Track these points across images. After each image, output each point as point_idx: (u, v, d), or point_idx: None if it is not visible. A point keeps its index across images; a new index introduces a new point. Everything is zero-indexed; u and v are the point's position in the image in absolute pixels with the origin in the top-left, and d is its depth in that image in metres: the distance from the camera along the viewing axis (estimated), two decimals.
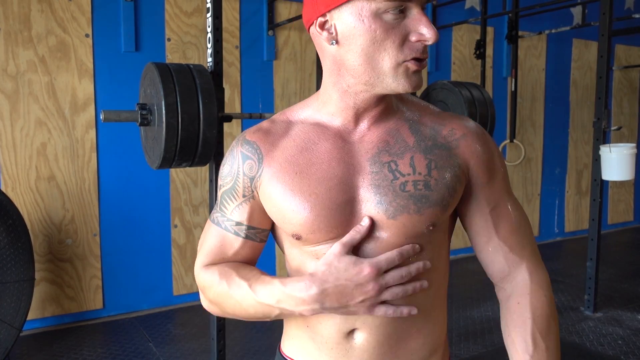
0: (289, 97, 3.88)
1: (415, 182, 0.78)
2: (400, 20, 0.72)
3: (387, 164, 0.79)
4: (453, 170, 0.81)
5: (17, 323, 2.51)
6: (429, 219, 0.79)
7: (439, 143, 0.82)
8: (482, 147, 0.85)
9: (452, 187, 0.81)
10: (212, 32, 2.25)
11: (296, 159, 0.81)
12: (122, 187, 3.34)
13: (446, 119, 0.85)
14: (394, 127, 0.82)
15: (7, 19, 2.96)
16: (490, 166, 0.85)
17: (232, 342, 2.99)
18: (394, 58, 0.73)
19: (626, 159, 3.21)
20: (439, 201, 0.79)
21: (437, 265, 0.84)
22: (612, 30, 3.27)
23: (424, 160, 0.80)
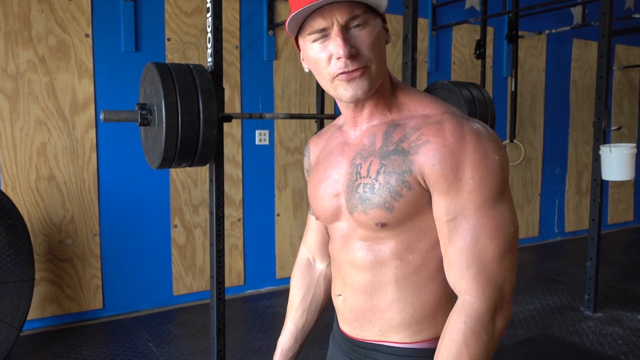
0: (289, 97, 3.88)
1: (364, 185, 0.90)
2: (326, 43, 0.86)
3: (356, 166, 0.92)
4: (401, 176, 0.86)
5: (17, 323, 2.51)
6: (374, 218, 0.89)
7: (399, 148, 0.87)
8: (444, 155, 0.83)
9: (396, 192, 0.86)
10: (212, 32, 2.24)
11: (321, 159, 1.03)
12: (122, 187, 3.34)
13: (426, 125, 0.87)
14: (375, 131, 0.92)
15: (7, 19, 2.96)
16: (451, 176, 0.83)
17: (232, 342, 2.99)
18: (327, 76, 0.87)
19: (626, 159, 3.21)
20: (381, 203, 0.87)
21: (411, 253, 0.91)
22: (612, 30, 3.27)
23: (377, 165, 0.89)
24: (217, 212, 2.31)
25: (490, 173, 0.82)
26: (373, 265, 0.94)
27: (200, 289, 3.65)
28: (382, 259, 0.93)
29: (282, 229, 3.93)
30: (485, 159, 0.83)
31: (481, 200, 0.83)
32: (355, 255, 0.96)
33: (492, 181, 0.83)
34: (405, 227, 0.90)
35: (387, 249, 0.92)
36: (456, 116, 0.88)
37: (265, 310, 3.51)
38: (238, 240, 3.78)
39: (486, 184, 0.82)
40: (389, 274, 0.93)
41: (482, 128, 0.86)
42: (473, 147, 0.83)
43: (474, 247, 0.83)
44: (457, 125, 0.85)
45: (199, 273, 3.64)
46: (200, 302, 3.61)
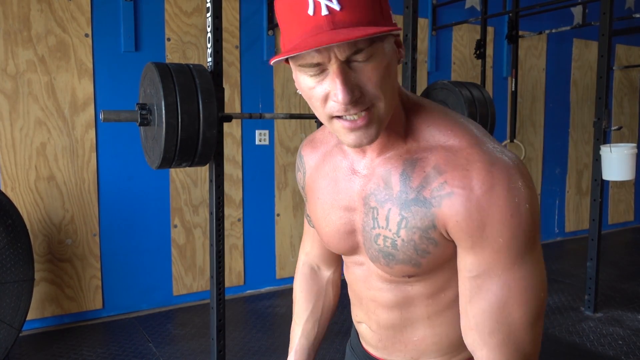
0: (289, 97, 3.88)
1: (385, 238, 0.79)
2: (322, 78, 0.70)
3: (372, 210, 0.81)
4: (425, 232, 0.76)
5: (16, 323, 2.51)
6: (400, 272, 0.81)
7: (421, 198, 0.76)
8: (470, 210, 0.71)
9: (422, 249, 0.78)
10: (212, 32, 2.24)
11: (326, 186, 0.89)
12: (122, 187, 3.34)
13: (450, 168, 0.74)
14: (389, 168, 0.79)
15: (6, 18, 2.96)
16: (477, 233, 0.72)
17: (232, 342, 2.99)
18: (322, 115, 0.73)
19: (626, 159, 3.20)
20: (407, 260, 0.79)
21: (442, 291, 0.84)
22: (612, 30, 3.26)
23: (397, 217, 0.78)
24: (217, 212, 2.31)
25: (522, 229, 0.71)
26: (401, 305, 0.86)
27: (200, 289, 3.64)
28: (411, 298, 0.86)
29: (282, 229, 3.93)
30: (518, 214, 0.71)
31: (510, 260, 0.72)
32: (379, 294, 0.88)
33: (523, 238, 0.71)
34: (439, 270, 0.82)
35: (415, 290, 0.85)
36: (484, 153, 0.73)
37: (265, 310, 3.51)
38: (238, 240, 3.77)
39: (516, 241, 0.71)
40: (419, 311, 0.86)
41: (513, 168, 0.72)
42: (504, 201, 0.70)
43: (500, 312, 0.73)
44: (486, 171, 0.71)
45: (199, 273, 3.64)
46: (200, 302, 3.60)
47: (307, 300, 1.09)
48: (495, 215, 0.71)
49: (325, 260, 1.09)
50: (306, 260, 1.11)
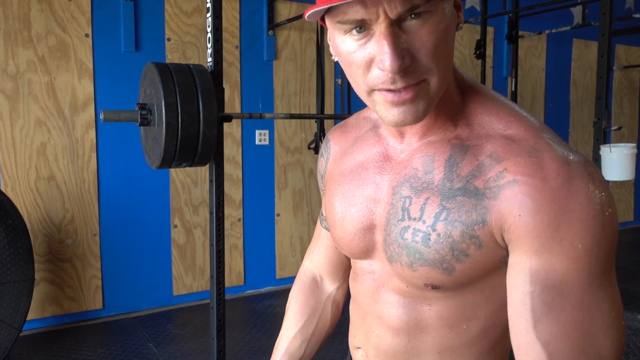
0: (289, 97, 3.88)
1: (416, 232, 0.65)
2: (366, 40, 0.58)
3: (404, 200, 0.67)
4: (469, 228, 0.62)
5: (16, 323, 2.51)
6: (424, 277, 0.66)
7: (470, 187, 0.62)
8: (540, 204, 0.57)
9: (461, 250, 0.63)
10: (212, 32, 2.24)
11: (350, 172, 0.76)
12: (122, 187, 3.34)
13: (513, 155, 0.60)
14: (432, 152, 0.66)
15: (7, 18, 2.96)
16: (547, 233, 0.57)
17: (232, 342, 2.99)
18: (362, 85, 0.61)
19: (626, 159, 3.20)
20: (438, 262, 0.64)
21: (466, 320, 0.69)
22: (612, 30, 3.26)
23: (436, 207, 0.64)
24: (217, 212, 2.31)
25: (605, 236, 0.57)
26: (411, 329, 0.71)
27: (200, 289, 3.64)
28: (425, 323, 0.70)
29: (282, 229, 3.93)
30: (601, 216, 0.56)
31: (590, 274, 0.57)
32: (388, 310, 0.73)
33: (607, 248, 0.57)
34: (464, 289, 0.67)
35: (433, 312, 0.69)
36: (555, 144, 0.61)
37: (265, 310, 3.51)
38: (238, 240, 3.77)
39: (600, 251, 0.57)
40: (430, 342, 0.71)
41: (591, 166, 0.59)
42: (586, 196, 0.56)
43: (583, 338, 0.57)
44: (562, 160, 0.58)
45: (199, 273, 3.64)
46: (200, 302, 3.60)
47: (300, 314, 0.94)
48: (575, 212, 0.56)
49: (330, 272, 0.94)
50: (309, 267, 0.97)
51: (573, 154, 0.60)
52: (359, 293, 0.79)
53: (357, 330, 0.81)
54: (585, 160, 0.60)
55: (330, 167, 0.82)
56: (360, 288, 0.78)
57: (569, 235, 0.56)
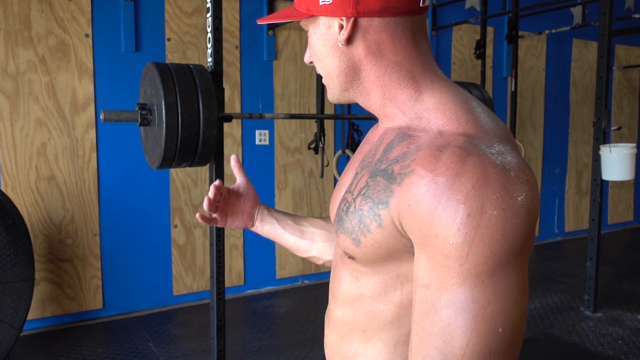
0: (289, 97, 3.88)
1: (346, 202, 0.73)
2: None
3: (355, 175, 0.77)
4: (375, 206, 0.67)
5: (17, 323, 2.51)
6: (342, 244, 0.73)
7: (389, 170, 0.67)
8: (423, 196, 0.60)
9: (365, 224, 0.68)
10: (212, 32, 2.24)
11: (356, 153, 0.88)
12: (122, 187, 3.34)
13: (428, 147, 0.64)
14: (383, 137, 0.76)
15: (7, 19, 2.96)
16: (425, 227, 0.60)
17: (232, 342, 2.99)
18: None
19: (626, 159, 3.21)
20: (349, 231, 0.71)
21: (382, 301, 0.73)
22: (612, 30, 3.27)
23: (363, 183, 0.71)
24: None
25: (480, 237, 0.57)
26: (345, 300, 0.78)
27: (200, 289, 3.65)
28: (353, 296, 0.76)
29: None
30: (479, 215, 0.57)
31: (461, 274, 0.58)
32: (335, 281, 0.82)
33: (481, 250, 0.57)
34: (379, 268, 0.71)
35: (358, 287, 0.76)
36: (470, 143, 0.62)
37: (265, 310, 3.51)
38: (238, 240, 3.78)
39: (470, 251, 0.57)
40: (358, 317, 0.76)
41: (498, 168, 0.60)
42: (465, 193, 0.57)
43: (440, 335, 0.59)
44: (459, 157, 0.60)
45: (199, 273, 3.64)
46: (200, 302, 3.61)
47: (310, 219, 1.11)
48: (449, 210, 0.58)
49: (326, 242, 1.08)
50: None
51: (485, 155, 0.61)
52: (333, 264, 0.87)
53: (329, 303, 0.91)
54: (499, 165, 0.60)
55: None
56: (333, 260, 0.87)
57: (443, 230, 0.58)
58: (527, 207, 0.59)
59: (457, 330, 0.58)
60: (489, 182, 0.58)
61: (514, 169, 0.60)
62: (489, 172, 0.59)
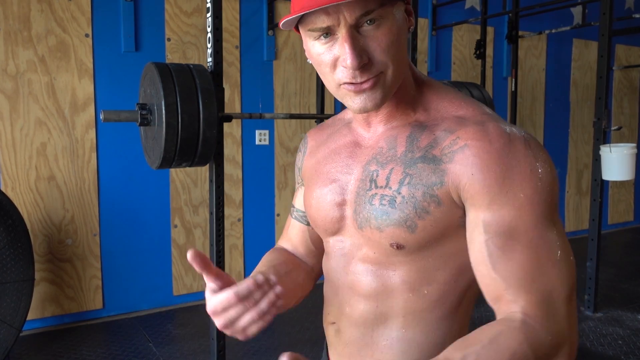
0: (289, 97, 3.88)
1: (382, 197, 0.74)
2: (331, 44, 0.70)
3: (371, 173, 0.77)
4: (429, 189, 0.71)
5: (17, 323, 2.51)
6: (390, 237, 0.74)
7: (429, 155, 0.72)
8: (487, 162, 0.68)
9: (422, 208, 0.72)
10: (212, 32, 2.24)
11: (322, 158, 0.87)
12: (122, 187, 3.34)
13: (463, 126, 0.71)
14: (395, 133, 0.77)
15: (7, 19, 2.96)
16: (495, 187, 0.67)
17: (232, 342, 2.99)
18: (331, 82, 0.73)
19: (626, 159, 3.20)
20: (402, 221, 0.73)
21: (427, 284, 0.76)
22: (612, 30, 3.26)
23: (400, 175, 0.73)
24: (217, 212, 2.31)
25: (543, 188, 0.68)
26: (379, 294, 0.79)
27: (200, 289, 3.64)
28: (391, 287, 0.78)
29: (282, 229, 3.92)
30: (537, 171, 0.68)
31: (534, 219, 0.67)
32: (359, 279, 0.80)
33: (545, 197, 0.68)
34: (424, 252, 0.75)
35: (397, 277, 0.77)
36: (498, 119, 0.73)
37: None
38: (238, 240, 3.77)
39: (539, 199, 0.67)
40: (396, 306, 0.78)
41: (530, 137, 0.71)
42: (523, 155, 0.68)
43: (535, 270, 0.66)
44: (502, 129, 0.70)
45: (199, 273, 3.63)
46: (200, 302, 3.60)
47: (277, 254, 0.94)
48: (516, 168, 0.67)
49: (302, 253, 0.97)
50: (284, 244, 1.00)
51: (511, 127, 0.71)
52: (331, 270, 0.86)
53: (330, 306, 0.88)
54: (521, 130, 0.71)
55: (306, 159, 0.92)
56: (333, 264, 0.85)
57: (513, 187, 0.67)
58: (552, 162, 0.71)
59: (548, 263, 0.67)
60: (532, 145, 0.70)
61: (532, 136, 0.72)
62: (527, 139, 0.70)
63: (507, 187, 0.67)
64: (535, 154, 0.69)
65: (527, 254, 0.66)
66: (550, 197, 0.68)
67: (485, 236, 0.68)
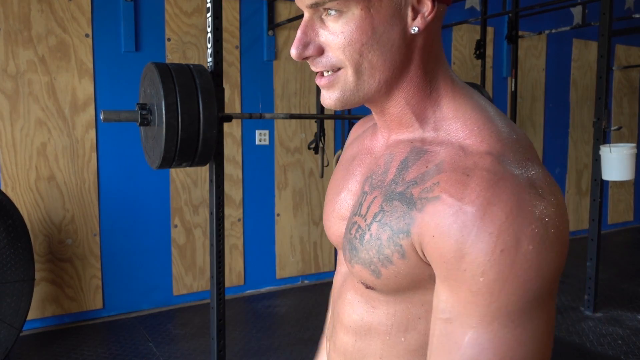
0: (289, 97, 3.88)
1: (358, 228, 0.65)
2: None
3: (363, 195, 0.68)
4: (395, 235, 0.60)
5: (17, 323, 2.51)
6: (358, 275, 0.66)
7: (407, 194, 0.60)
8: (450, 226, 0.54)
9: (385, 256, 0.61)
10: (212, 32, 2.24)
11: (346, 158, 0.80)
12: (122, 187, 3.34)
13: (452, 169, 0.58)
14: (395, 152, 0.67)
15: (7, 19, 2.96)
16: (452, 260, 0.54)
17: (232, 342, 2.99)
18: None
19: (626, 159, 3.21)
20: (367, 262, 0.63)
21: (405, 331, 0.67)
22: (612, 30, 3.27)
23: (377, 208, 0.63)
24: (217, 212, 2.31)
25: (514, 275, 0.52)
26: (359, 330, 0.71)
27: (200, 289, 3.65)
28: (368, 325, 0.69)
29: (282, 229, 3.93)
30: (513, 252, 0.52)
31: (490, 312, 0.53)
32: (343, 307, 0.73)
33: (514, 288, 0.52)
34: (401, 296, 0.65)
35: (375, 316, 0.68)
36: (499, 163, 0.56)
37: (265, 310, 3.51)
38: (238, 240, 3.78)
39: (503, 289, 0.52)
40: (374, 346, 0.69)
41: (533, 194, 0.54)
42: (499, 227, 0.52)
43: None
44: (489, 182, 0.54)
45: (199, 273, 3.64)
46: (200, 302, 3.61)
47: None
48: (480, 244, 0.52)
49: None
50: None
51: (517, 176, 0.55)
52: (334, 286, 0.80)
53: (330, 322, 0.82)
54: (527, 183, 0.55)
55: (340, 158, 0.84)
56: (336, 280, 0.79)
57: (472, 266, 0.53)
58: (561, 238, 0.54)
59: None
60: (523, 212, 0.52)
61: (546, 191, 0.55)
62: (522, 200, 0.53)
63: (466, 264, 0.53)
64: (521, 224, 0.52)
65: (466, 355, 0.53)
66: (525, 290, 0.52)
67: (437, 313, 0.57)
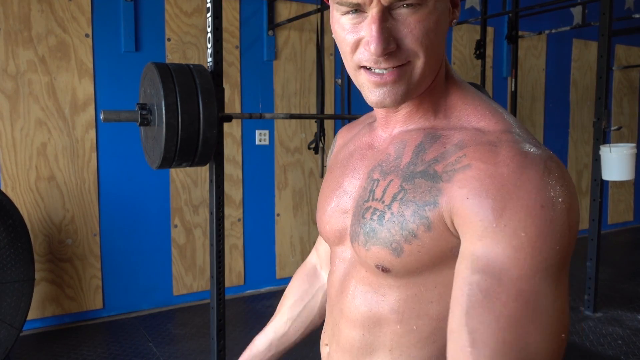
0: (289, 97, 3.88)
1: (375, 211, 0.66)
2: (359, 22, 0.62)
3: (372, 182, 0.69)
4: (421, 208, 0.61)
5: (17, 323, 2.51)
6: (374, 257, 0.66)
7: (430, 171, 0.62)
8: (487, 187, 0.56)
9: (410, 230, 0.62)
10: (212, 32, 2.24)
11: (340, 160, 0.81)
12: (122, 187, 3.34)
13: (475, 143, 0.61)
14: (406, 139, 0.68)
15: (7, 19, 2.96)
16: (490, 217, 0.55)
17: (232, 342, 2.99)
18: (350, 62, 0.65)
19: (626, 159, 3.21)
20: (388, 241, 0.64)
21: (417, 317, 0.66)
22: (612, 30, 3.27)
23: (396, 188, 0.65)
24: (217, 212, 2.31)
25: (553, 232, 0.54)
26: (366, 322, 0.71)
27: (200, 289, 3.65)
28: (378, 315, 0.69)
29: (282, 229, 3.93)
30: (551, 208, 0.54)
31: (532, 266, 0.53)
32: (349, 301, 0.73)
33: (554, 243, 0.54)
34: (415, 279, 0.65)
35: (386, 304, 0.68)
36: (521, 140, 0.61)
37: (265, 310, 3.51)
38: (238, 240, 3.78)
39: (544, 244, 0.54)
40: (383, 337, 0.69)
41: (556, 165, 0.59)
42: (537, 185, 0.55)
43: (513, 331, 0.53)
44: (518, 151, 0.58)
45: (199, 273, 3.64)
46: (200, 302, 3.61)
47: (292, 295, 0.99)
48: (522, 201, 0.54)
49: (327, 262, 0.96)
50: (313, 256, 1.01)
51: (537, 148, 0.60)
52: (331, 285, 0.79)
53: (326, 325, 0.82)
54: (548, 155, 0.59)
55: (332, 159, 0.87)
56: (333, 279, 0.78)
57: (513, 221, 0.54)
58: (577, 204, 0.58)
59: (532, 326, 0.53)
60: (553, 175, 0.57)
61: (560, 164, 0.60)
62: (549, 166, 0.58)
63: (507, 220, 0.54)
64: (554, 186, 0.56)
65: (510, 308, 0.53)
66: (560, 246, 0.54)
67: (471, 273, 0.56)
